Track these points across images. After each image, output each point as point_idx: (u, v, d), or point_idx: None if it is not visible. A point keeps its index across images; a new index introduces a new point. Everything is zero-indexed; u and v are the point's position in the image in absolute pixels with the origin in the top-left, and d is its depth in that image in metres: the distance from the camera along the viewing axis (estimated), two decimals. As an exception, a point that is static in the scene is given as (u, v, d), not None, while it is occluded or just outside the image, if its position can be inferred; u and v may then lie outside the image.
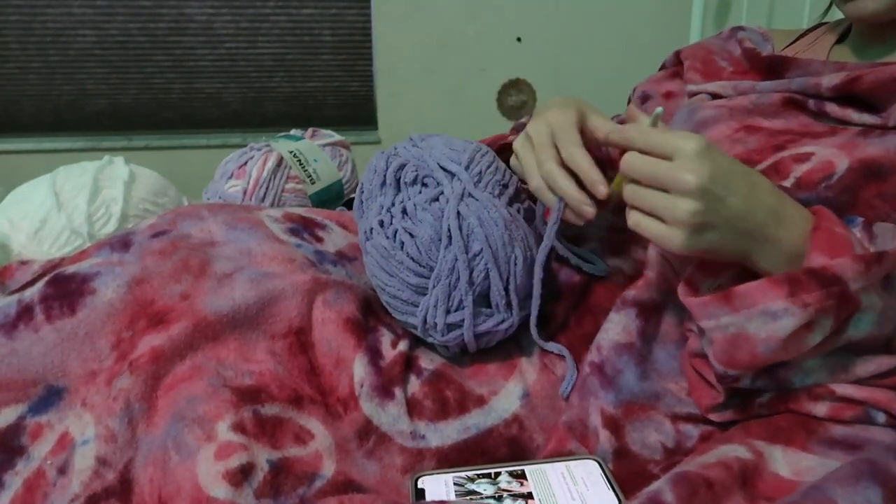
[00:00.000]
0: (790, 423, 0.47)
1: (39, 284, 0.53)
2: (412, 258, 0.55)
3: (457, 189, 0.56)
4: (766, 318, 0.42)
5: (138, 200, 0.99)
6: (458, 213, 0.54)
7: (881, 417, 0.47)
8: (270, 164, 1.01)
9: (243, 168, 1.03)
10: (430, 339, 0.57)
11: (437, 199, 0.57)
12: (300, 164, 1.04)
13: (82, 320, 0.51)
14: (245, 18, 2.01)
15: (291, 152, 1.04)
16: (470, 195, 0.56)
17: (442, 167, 0.59)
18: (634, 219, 0.47)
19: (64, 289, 0.52)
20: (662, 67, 0.88)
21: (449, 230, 0.54)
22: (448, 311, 0.54)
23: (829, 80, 0.60)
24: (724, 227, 0.45)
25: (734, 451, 0.44)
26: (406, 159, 0.60)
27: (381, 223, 0.57)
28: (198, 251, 0.57)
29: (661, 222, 0.46)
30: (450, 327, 0.55)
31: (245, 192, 1.00)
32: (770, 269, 0.47)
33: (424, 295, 0.55)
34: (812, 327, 0.42)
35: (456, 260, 0.53)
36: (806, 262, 0.45)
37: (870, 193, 0.55)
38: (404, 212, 0.57)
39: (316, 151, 1.08)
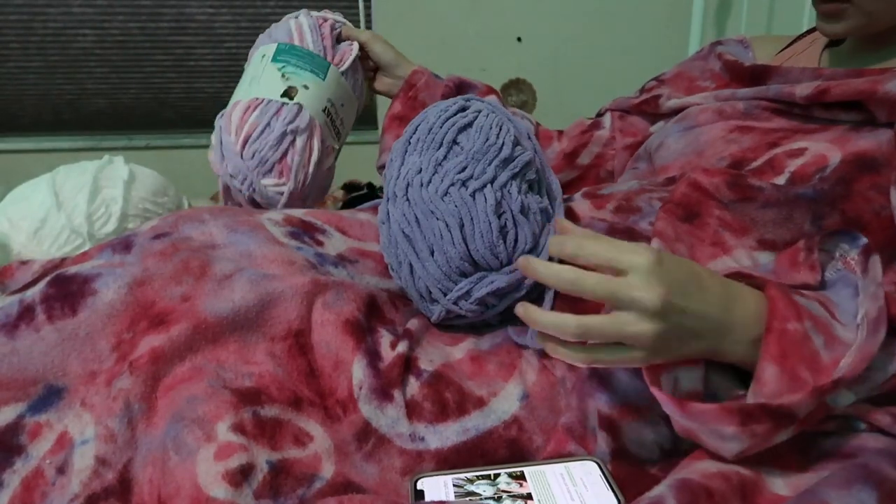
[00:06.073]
0: (782, 446, 0.46)
1: (41, 285, 0.53)
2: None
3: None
4: (715, 436, 0.44)
5: (138, 200, 0.99)
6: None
7: (862, 425, 0.47)
8: (316, 148, 0.87)
9: (284, 160, 0.86)
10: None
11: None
12: (331, 122, 0.91)
13: (83, 321, 0.51)
14: (245, 18, 2.01)
15: (324, 110, 0.89)
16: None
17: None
18: (585, 356, 0.46)
19: (65, 289, 0.52)
20: (642, 90, 0.88)
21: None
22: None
23: (801, 91, 0.62)
24: (686, 336, 0.45)
25: (733, 465, 0.45)
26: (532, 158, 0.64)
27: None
28: (198, 253, 0.57)
29: (620, 347, 0.45)
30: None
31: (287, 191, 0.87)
32: (731, 358, 0.48)
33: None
34: (779, 430, 0.43)
35: None
36: (757, 374, 0.45)
37: (864, 185, 0.56)
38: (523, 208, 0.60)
39: (341, 88, 0.92)
